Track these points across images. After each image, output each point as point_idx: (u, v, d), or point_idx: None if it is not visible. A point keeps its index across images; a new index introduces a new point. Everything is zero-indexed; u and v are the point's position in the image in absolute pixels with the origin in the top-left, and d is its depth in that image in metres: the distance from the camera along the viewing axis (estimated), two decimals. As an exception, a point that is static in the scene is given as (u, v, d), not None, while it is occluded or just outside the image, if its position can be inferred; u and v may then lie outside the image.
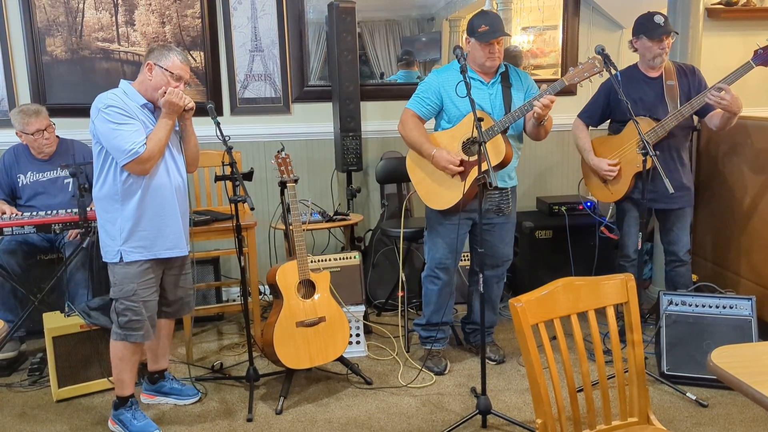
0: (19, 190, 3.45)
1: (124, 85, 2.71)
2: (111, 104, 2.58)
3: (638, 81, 3.34)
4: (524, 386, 3.09)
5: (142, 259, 2.67)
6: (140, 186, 2.63)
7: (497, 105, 3.10)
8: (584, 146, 3.51)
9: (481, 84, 3.12)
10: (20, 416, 2.92)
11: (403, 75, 4.24)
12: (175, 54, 2.69)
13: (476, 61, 3.10)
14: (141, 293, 2.68)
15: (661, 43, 3.23)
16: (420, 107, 3.15)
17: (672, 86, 3.30)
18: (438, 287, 3.26)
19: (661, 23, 3.20)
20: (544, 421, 1.69)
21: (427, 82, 3.16)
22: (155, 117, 2.71)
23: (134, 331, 2.69)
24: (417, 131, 3.12)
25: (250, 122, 4.13)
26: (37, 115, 3.31)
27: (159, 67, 2.66)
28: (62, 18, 3.84)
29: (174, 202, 2.73)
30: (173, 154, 2.76)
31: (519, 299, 1.67)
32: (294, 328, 2.96)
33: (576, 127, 3.58)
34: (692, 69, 3.39)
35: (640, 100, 3.30)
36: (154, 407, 2.99)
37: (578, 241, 4.01)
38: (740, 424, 2.74)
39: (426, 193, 3.14)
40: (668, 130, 3.21)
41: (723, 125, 3.23)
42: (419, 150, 3.11)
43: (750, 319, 3.00)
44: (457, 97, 3.06)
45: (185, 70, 2.72)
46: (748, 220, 3.54)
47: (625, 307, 1.83)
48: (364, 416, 2.88)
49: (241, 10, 4.02)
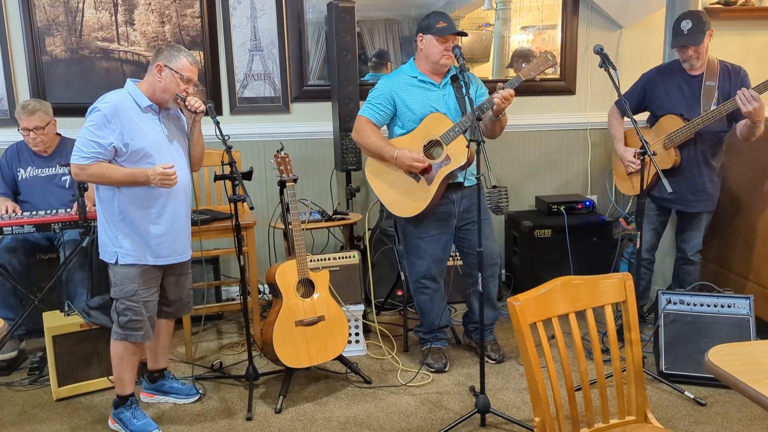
0: (19, 185, 3.46)
1: (130, 86, 2.69)
2: (101, 109, 2.55)
3: (677, 77, 3.30)
4: (523, 385, 3.09)
5: (136, 263, 2.65)
6: (141, 188, 2.61)
7: (451, 106, 3.10)
8: (615, 134, 3.49)
9: (432, 86, 3.11)
10: (20, 415, 2.93)
11: (371, 77, 4.22)
12: (185, 55, 2.67)
13: (431, 59, 3.07)
14: (141, 293, 2.68)
15: (684, 52, 3.20)
16: (373, 113, 3.12)
17: (711, 87, 3.23)
18: (429, 296, 3.26)
19: (684, 31, 3.16)
20: (542, 419, 1.70)
21: (378, 88, 3.15)
22: (160, 118, 2.69)
23: (135, 330, 2.69)
24: (375, 136, 3.10)
25: (249, 122, 4.14)
26: (29, 114, 3.31)
27: (169, 68, 2.63)
28: (62, 17, 3.84)
29: (177, 207, 2.71)
30: (178, 155, 2.73)
31: (517, 298, 1.68)
32: (293, 327, 2.96)
33: (611, 114, 3.57)
34: (738, 71, 3.29)
35: (675, 97, 3.25)
36: (154, 406, 2.99)
37: (577, 240, 4.02)
38: (738, 422, 2.75)
39: (392, 202, 3.12)
40: (695, 131, 3.17)
41: (748, 135, 3.17)
42: (379, 154, 3.08)
43: (748, 317, 3.00)
44: (410, 100, 3.06)
45: (194, 71, 2.70)
46: (750, 221, 3.53)
47: (623, 305, 1.84)
48: (363, 415, 2.88)
49: (240, 10, 4.02)
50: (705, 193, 3.33)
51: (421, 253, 3.19)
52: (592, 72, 4.35)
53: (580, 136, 4.48)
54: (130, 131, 2.59)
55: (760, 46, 4.43)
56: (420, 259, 3.21)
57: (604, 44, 3.09)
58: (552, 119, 4.43)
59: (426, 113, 3.07)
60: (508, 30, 4.37)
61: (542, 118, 4.41)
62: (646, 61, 3.92)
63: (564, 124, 4.45)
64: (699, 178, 3.29)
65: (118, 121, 2.56)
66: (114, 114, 2.56)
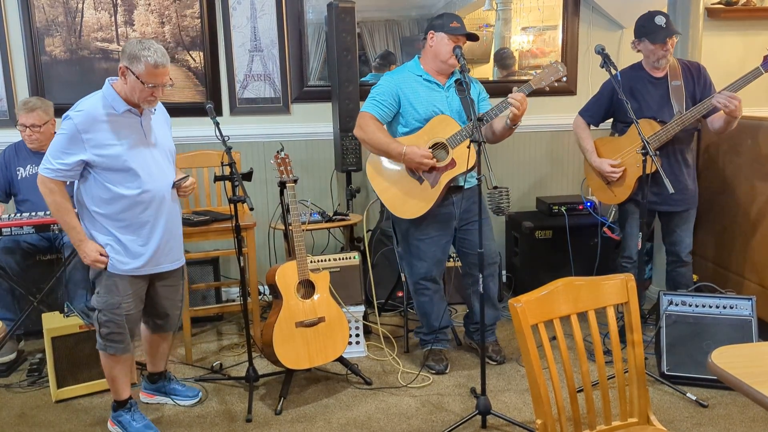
0: (17, 184, 3.45)
1: (106, 89, 2.52)
2: (74, 118, 2.43)
3: (642, 81, 3.29)
4: (524, 386, 3.08)
5: (124, 273, 2.57)
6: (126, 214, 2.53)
7: (454, 108, 3.08)
8: (586, 147, 3.46)
9: (437, 86, 3.09)
10: (19, 417, 2.92)
11: (373, 78, 4.21)
12: (146, 57, 2.40)
13: (439, 58, 3.04)
14: (126, 306, 2.60)
15: (665, 46, 3.17)
16: (378, 110, 3.07)
17: (678, 87, 3.23)
18: (429, 297, 3.25)
19: (662, 25, 3.14)
20: (543, 421, 1.69)
21: (383, 85, 3.10)
22: (141, 121, 2.56)
23: (114, 343, 2.63)
24: (380, 132, 3.05)
25: (249, 122, 4.13)
26: (28, 111, 3.31)
27: (131, 72, 2.43)
28: (61, 18, 3.84)
29: (168, 220, 2.63)
30: (161, 159, 2.62)
31: (519, 299, 1.67)
32: (293, 329, 2.95)
33: (577, 125, 3.53)
34: (698, 67, 3.33)
35: (644, 101, 3.25)
36: (154, 408, 2.98)
37: (578, 241, 4.01)
38: (741, 424, 2.74)
39: (393, 202, 3.09)
40: (672, 135, 3.17)
41: (724, 128, 3.20)
42: (386, 150, 3.03)
43: (750, 319, 2.99)
44: (416, 99, 3.04)
45: (159, 75, 2.44)
46: (749, 221, 3.53)
47: (625, 307, 1.83)
48: (364, 416, 2.87)
49: (240, 10, 4.01)
50: (688, 191, 3.34)
51: (421, 255, 3.18)
52: (593, 72, 4.34)
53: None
54: (106, 140, 2.46)
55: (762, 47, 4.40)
56: (420, 261, 3.20)
57: (605, 44, 3.08)
58: (553, 120, 4.42)
59: (430, 113, 3.05)
60: (508, 31, 4.37)
61: (543, 118, 4.41)
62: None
63: (565, 124, 4.43)
64: (680, 176, 3.29)
65: (91, 132, 2.44)
66: (87, 125, 2.43)
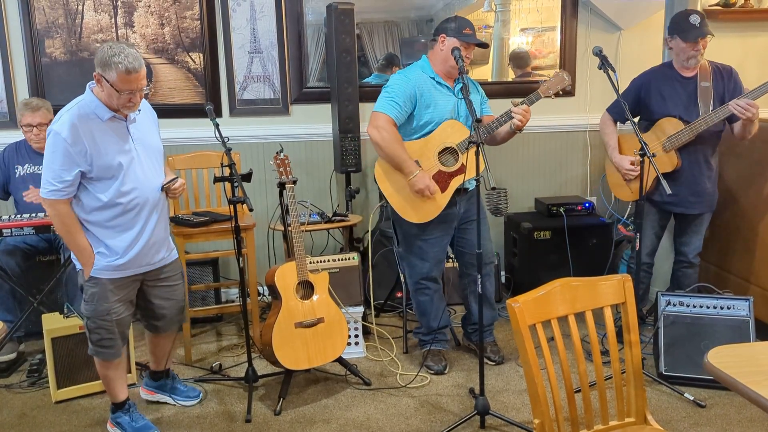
0: (15, 182, 3.44)
1: (89, 98, 2.44)
2: (60, 132, 2.35)
3: (671, 80, 3.29)
4: (522, 387, 3.09)
5: (112, 277, 2.55)
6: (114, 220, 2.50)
7: (463, 112, 3.09)
8: (609, 142, 3.46)
9: (447, 89, 3.09)
10: (19, 417, 2.92)
11: (376, 77, 4.22)
12: (116, 65, 2.31)
13: (449, 62, 3.02)
14: (115, 311, 2.58)
15: (696, 45, 3.17)
16: (397, 112, 3.01)
17: (706, 88, 3.23)
18: (429, 297, 3.26)
19: (696, 24, 3.14)
20: (541, 421, 1.70)
21: (399, 84, 3.03)
22: (128, 126, 2.51)
23: (105, 348, 2.62)
24: (398, 144, 3.00)
25: (249, 123, 4.14)
26: (33, 110, 3.33)
27: (104, 79, 2.36)
28: (61, 20, 3.85)
29: (157, 221, 2.61)
30: (150, 163, 2.58)
31: (516, 300, 1.68)
32: (293, 329, 2.96)
33: (603, 122, 3.53)
34: (729, 71, 3.31)
35: (671, 100, 3.24)
36: (154, 409, 2.99)
37: (577, 241, 4.02)
38: (738, 424, 2.75)
39: (401, 206, 3.09)
40: (695, 134, 3.17)
41: (742, 134, 3.19)
42: (399, 166, 3.02)
43: (747, 319, 3.00)
44: (432, 102, 3.03)
45: (133, 80, 2.35)
46: (751, 223, 3.53)
47: (623, 307, 1.84)
48: (363, 417, 2.88)
49: (240, 12, 4.02)
50: (705, 194, 3.32)
51: (424, 255, 3.19)
52: (592, 74, 4.35)
53: (579, 137, 4.48)
54: (94, 151, 2.41)
55: (760, 48, 4.43)
56: (422, 261, 3.21)
57: (603, 46, 3.09)
58: (551, 121, 4.43)
59: (442, 117, 3.06)
60: (507, 32, 4.37)
61: (541, 119, 4.41)
62: (645, 63, 3.91)
63: (563, 125, 4.45)
64: (700, 179, 3.28)
65: (80, 142, 2.38)
66: (75, 137, 2.37)
